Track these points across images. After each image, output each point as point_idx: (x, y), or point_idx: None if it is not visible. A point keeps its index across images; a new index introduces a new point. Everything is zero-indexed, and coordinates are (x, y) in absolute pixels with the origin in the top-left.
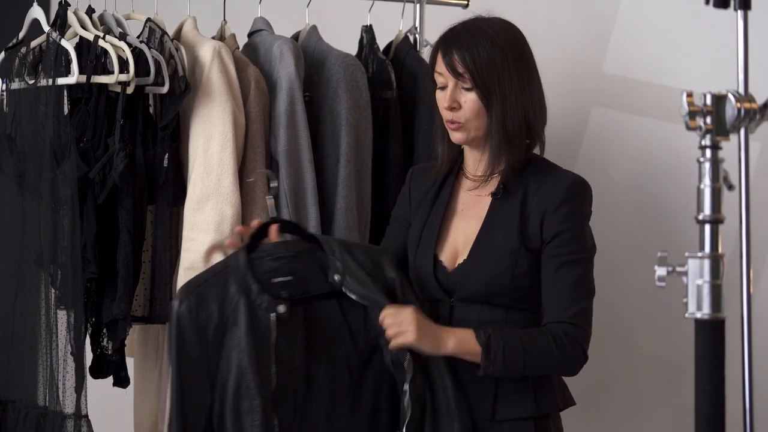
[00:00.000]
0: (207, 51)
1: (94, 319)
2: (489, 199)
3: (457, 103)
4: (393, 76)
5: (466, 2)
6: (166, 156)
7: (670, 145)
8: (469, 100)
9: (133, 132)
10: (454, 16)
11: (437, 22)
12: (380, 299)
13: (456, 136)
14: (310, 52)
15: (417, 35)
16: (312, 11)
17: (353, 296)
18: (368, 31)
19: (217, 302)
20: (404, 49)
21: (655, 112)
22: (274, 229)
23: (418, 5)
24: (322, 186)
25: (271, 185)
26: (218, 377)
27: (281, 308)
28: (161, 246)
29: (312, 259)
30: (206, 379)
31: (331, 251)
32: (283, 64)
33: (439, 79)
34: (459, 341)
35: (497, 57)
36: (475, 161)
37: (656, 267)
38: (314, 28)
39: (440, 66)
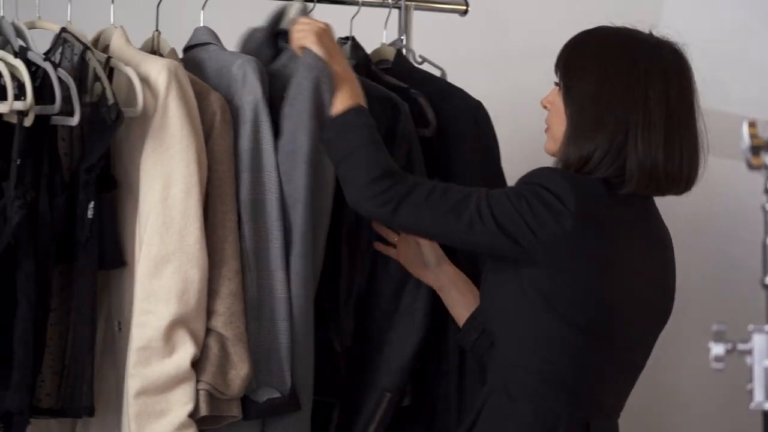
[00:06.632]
0: (161, 73)
1: None
2: None
3: (548, 103)
4: (430, 108)
5: (464, 8)
6: (91, 205)
7: (728, 189)
8: (552, 95)
9: (36, 175)
10: (449, 24)
11: (428, 33)
12: None
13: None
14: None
15: (405, 48)
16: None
17: None
18: (355, 46)
19: None
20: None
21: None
22: None
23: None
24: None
25: None
26: None
27: None
28: (80, 319)
29: None
30: None
31: None
32: (247, 88)
33: None
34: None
35: (589, 50)
36: None
37: (711, 343)
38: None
39: None
